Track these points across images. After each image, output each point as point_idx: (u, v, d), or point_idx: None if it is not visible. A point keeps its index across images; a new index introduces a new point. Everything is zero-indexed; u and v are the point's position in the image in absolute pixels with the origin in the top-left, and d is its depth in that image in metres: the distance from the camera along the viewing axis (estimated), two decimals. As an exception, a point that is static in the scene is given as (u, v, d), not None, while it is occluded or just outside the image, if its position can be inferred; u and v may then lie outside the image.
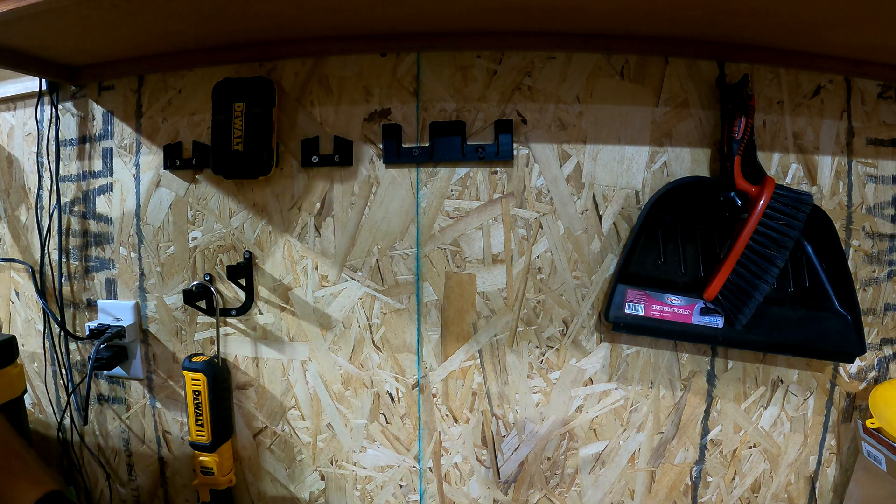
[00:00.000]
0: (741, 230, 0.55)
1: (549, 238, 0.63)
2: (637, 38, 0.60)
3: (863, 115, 0.63)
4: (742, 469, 0.65)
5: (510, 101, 0.63)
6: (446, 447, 0.66)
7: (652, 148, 0.63)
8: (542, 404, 0.65)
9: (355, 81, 0.64)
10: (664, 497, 0.66)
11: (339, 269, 0.65)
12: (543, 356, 0.65)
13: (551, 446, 0.65)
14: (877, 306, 0.64)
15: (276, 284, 0.66)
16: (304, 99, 0.65)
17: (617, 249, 0.63)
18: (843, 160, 0.63)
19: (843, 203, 0.63)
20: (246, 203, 0.66)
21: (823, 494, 0.66)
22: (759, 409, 0.65)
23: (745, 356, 0.64)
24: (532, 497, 0.66)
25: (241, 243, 0.66)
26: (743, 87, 0.57)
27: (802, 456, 0.65)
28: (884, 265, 0.64)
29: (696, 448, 0.65)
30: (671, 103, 0.62)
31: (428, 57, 0.63)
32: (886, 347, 0.65)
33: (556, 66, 0.62)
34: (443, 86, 0.63)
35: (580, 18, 0.56)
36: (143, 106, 0.69)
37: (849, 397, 0.65)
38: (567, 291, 0.64)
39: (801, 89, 0.63)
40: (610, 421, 0.65)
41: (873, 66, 0.61)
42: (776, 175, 0.63)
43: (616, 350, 0.64)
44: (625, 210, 0.63)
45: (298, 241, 0.65)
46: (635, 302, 0.60)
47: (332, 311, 0.66)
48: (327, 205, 0.65)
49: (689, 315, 0.60)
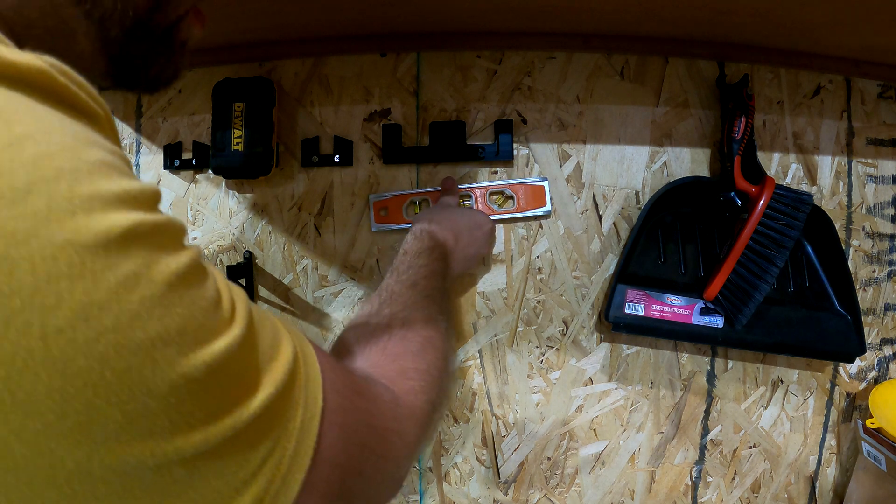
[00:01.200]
0: (741, 230, 0.55)
1: (549, 238, 0.63)
2: (637, 38, 0.61)
3: (863, 115, 0.63)
4: (742, 469, 0.66)
5: (510, 101, 0.63)
6: (446, 447, 0.66)
7: (652, 148, 0.63)
8: (542, 404, 0.65)
9: (355, 81, 0.64)
10: (664, 497, 0.66)
11: (339, 269, 0.65)
12: (543, 356, 0.65)
13: (551, 446, 0.65)
14: (877, 306, 0.64)
15: (276, 284, 0.66)
16: (304, 99, 0.65)
17: (617, 249, 0.63)
18: (843, 160, 0.63)
19: (843, 203, 0.63)
20: (246, 203, 0.66)
21: (823, 494, 0.66)
22: (759, 409, 0.65)
23: (745, 356, 0.64)
24: (532, 497, 0.66)
25: (241, 243, 0.66)
26: (743, 87, 0.57)
27: (802, 456, 0.65)
28: (884, 265, 0.64)
29: (696, 448, 0.65)
30: (671, 103, 0.62)
31: (428, 57, 0.63)
32: (886, 347, 0.65)
33: (556, 66, 0.62)
34: (443, 86, 0.63)
35: (580, 18, 0.56)
36: (142, 106, 0.69)
37: (849, 397, 0.65)
38: (567, 291, 0.64)
39: (801, 89, 0.63)
40: (610, 421, 0.65)
41: (873, 66, 0.62)
42: (776, 175, 0.63)
43: (616, 350, 0.64)
44: (625, 210, 0.63)
45: (298, 241, 0.65)
46: (635, 302, 0.60)
47: (332, 312, 0.66)
48: (327, 205, 0.65)
49: (689, 315, 0.60)
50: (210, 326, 0.20)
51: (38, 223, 0.15)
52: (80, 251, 0.16)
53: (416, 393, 0.34)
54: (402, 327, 0.39)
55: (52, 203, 0.16)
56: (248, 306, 0.23)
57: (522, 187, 0.62)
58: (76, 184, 0.17)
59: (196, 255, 0.21)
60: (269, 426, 0.22)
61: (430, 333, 0.40)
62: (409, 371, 0.36)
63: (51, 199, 0.16)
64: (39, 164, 0.16)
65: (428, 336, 0.39)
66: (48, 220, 0.16)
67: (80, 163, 0.17)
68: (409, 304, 0.42)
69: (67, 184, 0.16)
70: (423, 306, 0.42)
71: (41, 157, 0.16)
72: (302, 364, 0.25)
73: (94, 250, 0.16)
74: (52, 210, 0.16)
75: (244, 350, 0.21)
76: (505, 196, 0.62)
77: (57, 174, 0.16)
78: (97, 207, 0.17)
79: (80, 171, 0.17)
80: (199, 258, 0.21)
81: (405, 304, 0.42)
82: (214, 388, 0.19)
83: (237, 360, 0.21)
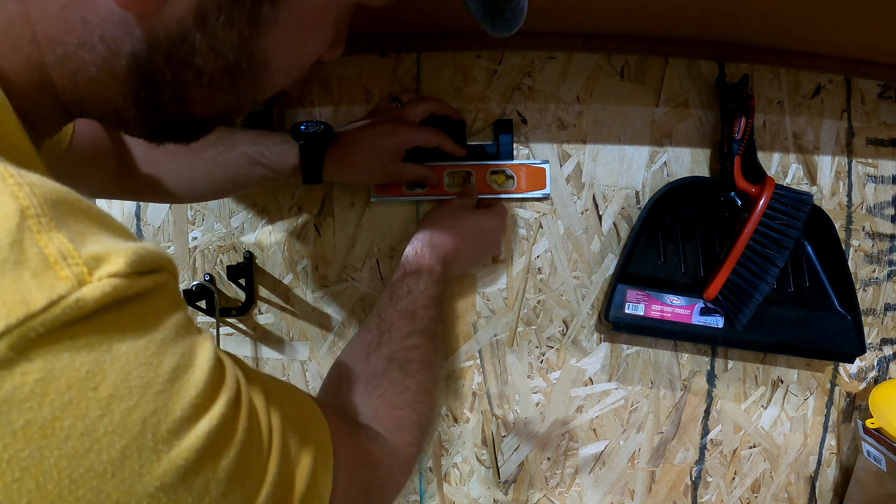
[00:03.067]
0: (741, 230, 0.55)
1: (549, 238, 0.63)
2: (637, 38, 0.60)
3: (863, 115, 0.63)
4: (742, 469, 0.66)
5: (510, 101, 0.63)
6: (446, 447, 0.66)
7: (652, 148, 0.63)
8: (542, 404, 0.65)
9: (355, 81, 0.64)
10: (664, 497, 0.66)
11: (339, 269, 0.65)
12: (543, 356, 0.65)
13: (551, 446, 0.65)
14: (877, 306, 0.64)
15: (275, 284, 0.66)
16: (304, 99, 0.65)
17: (617, 249, 0.63)
18: (843, 160, 0.63)
19: (843, 203, 0.63)
20: (246, 203, 0.66)
21: (823, 494, 0.66)
22: (759, 409, 0.65)
23: (745, 356, 0.64)
24: (532, 497, 0.66)
25: (241, 243, 0.66)
26: (743, 87, 0.57)
27: (802, 456, 0.65)
28: (884, 265, 0.64)
29: (696, 448, 0.65)
30: (671, 103, 0.62)
31: (428, 57, 0.63)
32: (886, 347, 0.65)
33: (556, 66, 0.62)
34: (443, 86, 0.63)
35: (580, 18, 0.56)
36: (143, 106, 0.69)
37: (849, 397, 0.65)
38: (567, 291, 0.64)
39: (801, 89, 0.63)
40: (610, 421, 0.65)
41: (873, 66, 0.61)
42: (776, 175, 0.63)
43: (616, 350, 0.64)
44: (625, 210, 0.63)
45: (298, 241, 0.65)
46: (635, 302, 0.60)
47: (332, 312, 0.66)
48: (327, 205, 0.65)
49: (689, 315, 0.60)
50: (255, 480, 0.23)
51: (134, 483, 0.18)
52: (167, 491, 0.19)
53: (410, 445, 0.40)
54: (401, 372, 0.43)
55: (142, 459, 0.18)
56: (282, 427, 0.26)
57: (524, 168, 0.62)
58: (158, 426, 0.19)
59: (246, 412, 0.23)
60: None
61: (425, 379, 0.44)
62: (405, 422, 0.41)
63: (140, 456, 0.18)
64: (127, 422, 0.18)
65: (423, 383, 0.44)
66: (140, 477, 0.18)
67: (157, 398, 0.19)
68: (408, 343, 0.45)
69: (151, 431, 0.19)
70: (420, 345, 0.46)
71: (127, 415, 0.18)
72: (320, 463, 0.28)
73: (178, 484, 0.19)
74: (143, 465, 0.18)
75: (278, 486, 0.24)
76: (506, 175, 0.62)
77: (142, 426, 0.18)
78: (174, 441, 0.19)
79: (158, 410, 0.19)
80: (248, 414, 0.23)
81: (403, 341, 0.45)
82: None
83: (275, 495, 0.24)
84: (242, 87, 0.28)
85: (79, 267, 0.18)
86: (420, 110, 0.57)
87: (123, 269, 0.19)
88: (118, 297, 0.19)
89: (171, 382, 0.20)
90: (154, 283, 0.21)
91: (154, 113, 0.27)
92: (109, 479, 0.17)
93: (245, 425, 0.22)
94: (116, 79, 0.25)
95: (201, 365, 0.21)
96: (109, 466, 0.17)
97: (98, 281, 0.18)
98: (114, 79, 0.25)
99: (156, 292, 0.21)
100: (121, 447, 0.18)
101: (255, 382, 0.26)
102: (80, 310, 0.17)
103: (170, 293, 0.22)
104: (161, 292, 0.21)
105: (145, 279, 0.20)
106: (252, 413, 0.23)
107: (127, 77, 0.25)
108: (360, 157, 0.54)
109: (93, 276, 0.18)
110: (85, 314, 0.18)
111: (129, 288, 0.19)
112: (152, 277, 0.21)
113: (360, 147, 0.54)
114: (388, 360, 0.43)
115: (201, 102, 0.28)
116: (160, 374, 0.19)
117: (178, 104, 0.27)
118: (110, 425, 0.17)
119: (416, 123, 0.57)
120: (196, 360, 0.21)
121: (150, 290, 0.20)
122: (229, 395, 0.22)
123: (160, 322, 0.20)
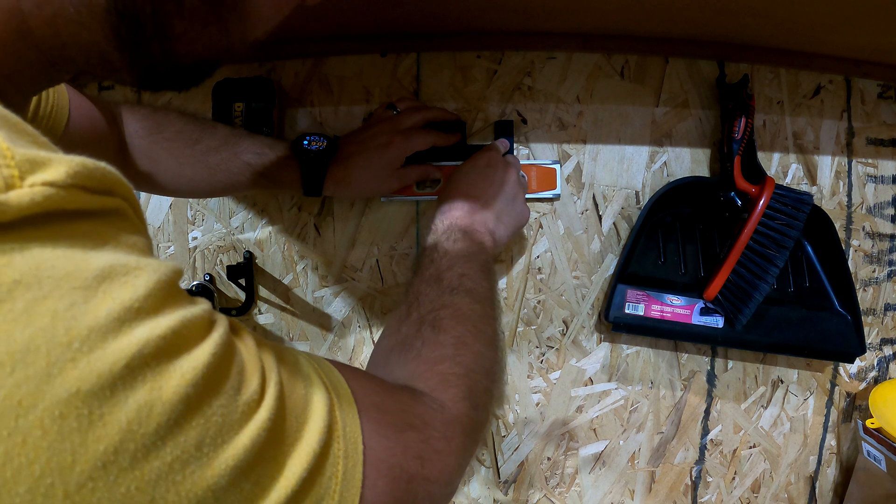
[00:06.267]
0: (741, 230, 0.55)
1: (549, 238, 0.63)
2: (637, 38, 0.61)
3: (863, 115, 0.63)
4: (742, 469, 0.66)
5: (510, 101, 0.63)
6: (446, 447, 0.66)
7: (652, 148, 0.63)
8: (542, 404, 0.65)
9: (355, 81, 0.64)
10: (664, 497, 0.66)
11: (339, 269, 0.65)
12: (543, 356, 0.65)
13: (551, 446, 0.65)
14: (877, 306, 0.64)
15: (275, 284, 0.66)
16: (304, 99, 0.65)
17: (617, 249, 0.63)
18: (843, 160, 0.63)
19: (843, 203, 0.63)
20: (246, 203, 0.66)
21: (823, 494, 0.66)
22: (759, 409, 0.65)
23: (745, 356, 0.64)
24: (532, 497, 0.66)
25: (241, 243, 0.66)
26: (743, 87, 0.57)
27: (802, 456, 0.65)
28: (884, 265, 0.64)
29: (696, 448, 0.65)
30: (671, 103, 0.62)
31: (428, 57, 0.63)
32: (886, 347, 0.65)
33: (556, 66, 0.62)
34: (443, 86, 0.63)
35: (580, 18, 0.56)
36: (143, 106, 0.69)
37: (849, 397, 0.65)
38: (567, 291, 0.64)
39: (801, 89, 0.63)
40: (610, 421, 0.65)
41: (873, 66, 0.61)
42: (776, 175, 0.63)
43: (616, 350, 0.64)
44: (625, 210, 0.63)
45: (298, 241, 0.65)
46: (635, 302, 0.60)
47: (332, 312, 0.66)
48: (327, 205, 0.65)
49: (689, 315, 0.60)
50: (231, 422, 0.19)
51: (41, 384, 0.15)
52: (86, 400, 0.16)
53: (460, 400, 0.34)
54: (433, 330, 0.39)
55: (51, 356, 0.15)
56: (277, 371, 0.23)
57: (535, 168, 0.62)
58: (73, 322, 0.16)
59: (219, 337, 0.20)
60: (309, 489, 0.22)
61: (462, 332, 0.40)
62: (450, 377, 0.36)
63: (49, 352, 0.15)
64: (32, 313, 0.15)
65: (460, 336, 0.39)
66: (49, 377, 0.15)
67: (75, 293, 0.16)
68: (437, 304, 0.42)
69: (64, 326, 0.16)
70: (450, 303, 0.42)
71: (33, 304, 0.15)
72: (338, 413, 0.24)
73: (100, 394, 0.16)
74: (52, 364, 0.15)
75: (273, 432, 0.21)
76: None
77: (52, 319, 0.16)
78: (97, 342, 0.16)
79: (75, 304, 0.16)
80: (221, 341, 0.20)
81: (431, 304, 0.42)
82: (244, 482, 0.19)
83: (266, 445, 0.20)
84: (227, 20, 0.27)
85: (10, 169, 0.15)
86: (416, 119, 0.57)
87: (62, 179, 0.16)
88: (50, 209, 0.16)
89: (99, 281, 0.17)
90: (102, 205, 0.18)
91: (140, 53, 0.25)
92: (9, 374, 0.15)
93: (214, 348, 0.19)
94: (96, 18, 0.24)
95: (148, 276, 0.18)
96: (8, 359, 0.15)
97: (29, 187, 0.16)
98: (93, 18, 0.23)
99: (103, 217, 0.18)
100: (23, 340, 0.15)
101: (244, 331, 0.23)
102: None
103: (123, 225, 0.19)
104: (111, 220, 0.18)
105: (91, 197, 0.17)
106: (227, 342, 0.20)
107: (106, 15, 0.24)
108: (359, 174, 0.54)
109: (24, 182, 0.16)
110: (4, 221, 0.15)
111: (66, 201, 0.16)
112: (101, 199, 0.18)
113: (357, 165, 0.54)
114: (419, 324, 0.40)
115: (186, 39, 0.26)
116: (84, 270, 0.16)
117: (162, 42, 0.25)
118: (10, 313, 0.15)
119: (410, 131, 0.56)
120: (142, 272, 0.18)
121: (94, 213, 0.18)
122: (189, 313, 0.19)
123: (102, 248, 0.18)
